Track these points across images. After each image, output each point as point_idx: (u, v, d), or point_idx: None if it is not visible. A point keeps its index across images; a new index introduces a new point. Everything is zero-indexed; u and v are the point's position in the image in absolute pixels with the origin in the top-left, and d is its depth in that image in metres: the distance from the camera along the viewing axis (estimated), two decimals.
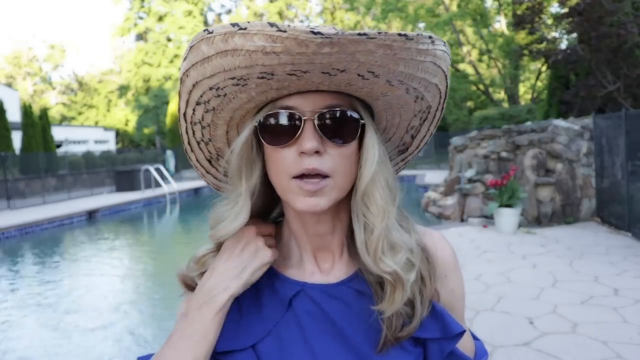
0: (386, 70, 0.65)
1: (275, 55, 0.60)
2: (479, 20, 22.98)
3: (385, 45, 0.61)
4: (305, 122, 0.69)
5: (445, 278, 0.80)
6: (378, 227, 0.71)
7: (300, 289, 0.77)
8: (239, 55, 0.61)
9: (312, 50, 0.59)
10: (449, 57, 0.71)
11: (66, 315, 6.30)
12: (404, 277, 0.71)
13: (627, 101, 12.58)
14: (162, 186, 19.80)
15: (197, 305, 0.74)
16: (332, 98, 0.70)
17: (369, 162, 0.72)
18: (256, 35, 0.59)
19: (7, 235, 12.08)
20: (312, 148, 0.68)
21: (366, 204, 0.72)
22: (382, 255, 0.71)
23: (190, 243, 12.11)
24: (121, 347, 5.21)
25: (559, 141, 8.55)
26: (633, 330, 3.90)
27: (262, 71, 0.64)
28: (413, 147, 0.85)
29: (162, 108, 37.96)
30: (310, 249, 0.80)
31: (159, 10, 41.89)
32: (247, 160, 0.75)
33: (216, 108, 0.73)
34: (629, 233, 7.32)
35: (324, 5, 45.15)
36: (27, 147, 21.56)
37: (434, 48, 0.66)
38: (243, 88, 0.68)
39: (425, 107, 0.76)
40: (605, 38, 12.03)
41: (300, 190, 0.70)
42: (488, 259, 6.25)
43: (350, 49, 0.60)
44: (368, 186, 0.72)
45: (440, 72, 0.71)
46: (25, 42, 57.55)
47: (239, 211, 0.75)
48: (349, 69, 0.64)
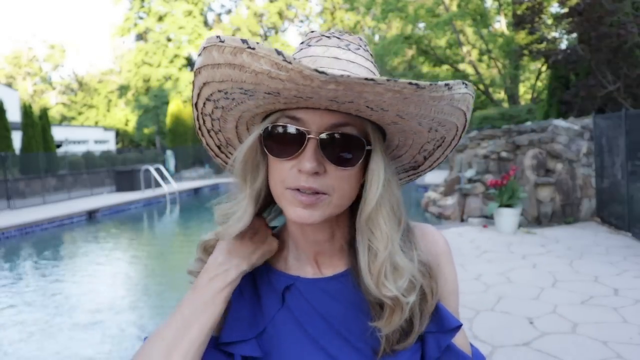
0: (396, 108, 0.65)
1: (280, 81, 0.61)
2: (479, 20, 22.97)
3: (394, 91, 0.61)
4: (308, 140, 0.69)
5: (438, 267, 0.80)
6: (382, 253, 0.71)
7: (292, 282, 0.79)
8: (246, 72, 0.62)
9: (316, 85, 0.60)
10: (472, 96, 0.71)
11: (66, 315, 6.30)
12: (404, 302, 0.71)
13: (627, 101, 12.58)
14: (162, 186, 19.79)
15: (207, 279, 0.76)
16: (341, 116, 0.69)
17: (374, 186, 0.71)
18: (263, 58, 0.59)
19: (7, 235, 12.08)
20: (312, 169, 0.68)
21: (370, 229, 0.72)
22: (384, 280, 0.71)
23: (190, 243, 12.11)
24: (121, 346, 5.21)
25: (559, 141, 8.55)
26: (633, 330, 3.90)
27: (268, 91, 0.65)
28: (425, 167, 0.85)
29: (162, 108, 37.94)
30: (310, 252, 0.81)
31: (159, 10, 41.85)
32: (251, 165, 0.76)
33: (225, 107, 0.74)
34: (629, 233, 7.32)
35: (324, 5, 45.11)
36: (27, 147, 21.56)
37: (451, 93, 0.65)
38: (251, 97, 0.69)
39: (440, 137, 0.76)
40: (605, 38, 12.02)
41: (294, 200, 0.70)
42: (488, 259, 6.25)
43: (357, 89, 0.60)
44: (373, 211, 0.72)
45: (457, 112, 0.70)
46: (25, 42, 57.55)
47: (242, 215, 0.76)
48: (357, 102, 0.64)
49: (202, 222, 15.35)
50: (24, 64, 52.65)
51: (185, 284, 0.80)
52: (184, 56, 42.18)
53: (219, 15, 48.29)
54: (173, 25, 41.29)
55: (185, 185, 23.32)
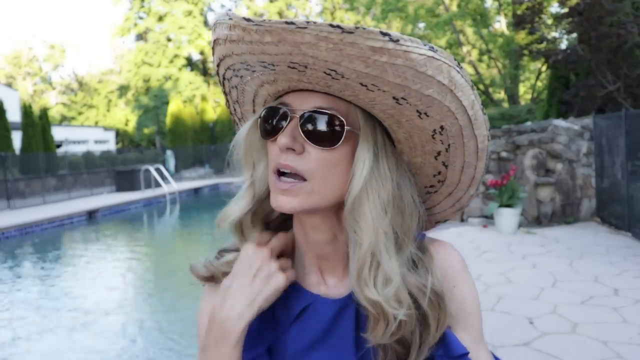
0: (345, 69, 0.61)
1: (236, 44, 0.64)
2: (479, 20, 22.96)
3: (324, 38, 0.58)
4: (291, 119, 0.69)
5: (454, 289, 0.75)
6: (365, 244, 0.68)
7: (309, 302, 0.76)
8: (220, 44, 0.67)
9: (257, 39, 0.61)
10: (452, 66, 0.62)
11: (66, 315, 6.30)
12: (389, 312, 0.66)
13: (627, 101, 12.58)
14: (162, 186, 19.80)
15: (214, 340, 0.73)
16: (326, 101, 0.69)
17: (357, 174, 0.68)
18: (222, 24, 0.64)
19: (7, 235, 12.08)
20: (285, 144, 0.67)
21: (355, 218, 0.69)
22: (369, 281, 0.67)
23: (190, 243, 12.11)
24: (121, 346, 5.21)
25: (559, 141, 8.55)
26: (633, 330, 3.90)
27: (240, 61, 0.68)
28: (454, 180, 0.77)
29: (162, 108, 37.95)
30: (313, 257, 0.78)
31: (159, 10, 41.83)
32: (252, 150, 0.77)
33: (237, 86, 0.77)
34: (629, 233, 7.32)
35: (324, 5, 45.15)
36: (27, 147, 21.56)
37: (401, 49, 0.58)
38: (242, 80, 0.73)
39: (439, 128, 0.69)
40: (605, 38, 12.02)
41: (274, 187, 0.70)
42: (488, 259, 6.25)
43: (291, 39, 0.59)
44: (356, 199, 0.68)
45: (434, 84, 0.62)
46: (25, 42, 57.57)
47: (241, 196, 0.77)
48: (310, 65, 0.62)
49: (202, 221, 15.35)
50: (24, 64, 52.66)
51: (186, 284, 0.79)
52: (184, 56, 42.17)
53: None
54: (173, 25, 41.28)
55: (185, 185, 23.33)
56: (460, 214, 0.86)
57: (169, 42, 42.33)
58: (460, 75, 0.64)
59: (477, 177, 0.76)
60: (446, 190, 0.80)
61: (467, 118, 0.68)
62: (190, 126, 33.24)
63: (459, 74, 0.63)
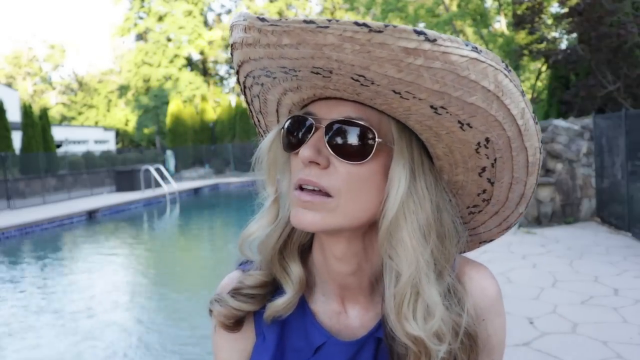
0: (375, 74, 0.54)
1: (253, 47, 0.58)
2: (479, 20, 22.96)
3: (349, 39, 0.51)
4: (316, 129, 0.63)
5: (483, 322, 0.69)
6: (405, 274, 0.61)
7: (325, 340, 0.69)
8: (237, 48, 0.61)
9: (274, 42, 0.55)
10: (499, 70, 0.55)
11: (66, 315, 6.30)
12: (432, 349, 0.60)
13: (627, 101, 12.58)
14: (162, 186, 19.80)
15: None
16: (356, 110, 0.62)
17: (392, 193, 0.61)
18: (238, 26, 0.58)
19: (7, 235, 12.08)
20: (307, 157, 0.61)
21: (393, 245, 0.62)
22: (409, 314, 0.61)
23: (190, 243, 12.11)
24: (120, 346, 5.21)
25: (559, 141, 8.55)
26: (633, 330, 3.90)
27: (260, 67, 0.62)
28: (501, 198, 0.69)
29: (162, 108, 37.95)
30: (334, 285, 0.71)
31: (159, 10, 41.82)
32: (276, 163, 0.70)
33: (260, 96, 0.71)
34: (629, 233, 7.32)
35: (324, 5, 45.17)
36: (27, 147, 21.57)
37: (440, 50, 0.51)
38: (264, 88, 0.67)
39: (485, 140, 0.61)
40: (605, 38, 12.02)
41: (296, 201, 0.62)
42: (488, 259, 6.25)
43: (312, 41, 0.52)
44: (393, 223, 0.61)
45: (478, 90, 0.54)
46: (25, 42, 57.55)
47: (263, 213, 0.70)
48: (335, 70, 0.56)
49: (202, 221, 15.35)
50: (24, 64, 52.66)
51: (186, 284, 0.78)
52: (184, 56, 42.18)
53: (219, 15, 48.31)
54: (173, 25, 41.28)
55: (185, 185, 23.32)
56: (506, 233, 0.80)
57: (169, 42, 42.33)
58: (508, 80, 0.56)
59: (527, 193, 0.69)
60: (492, 209, 0.72)
61: (516, 128, 0.60)
62: (190, 126, 33.24)
63: (507, 78, 0.56)
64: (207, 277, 8.16)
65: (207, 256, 10.29)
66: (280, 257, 0.70)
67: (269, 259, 0.70)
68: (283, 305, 0.68)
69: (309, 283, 0.72)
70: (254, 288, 0.71)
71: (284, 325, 0.71)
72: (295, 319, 0.71)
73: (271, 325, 0.71)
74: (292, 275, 0.69)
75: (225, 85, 48.82)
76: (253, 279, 0.71)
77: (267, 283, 0.71)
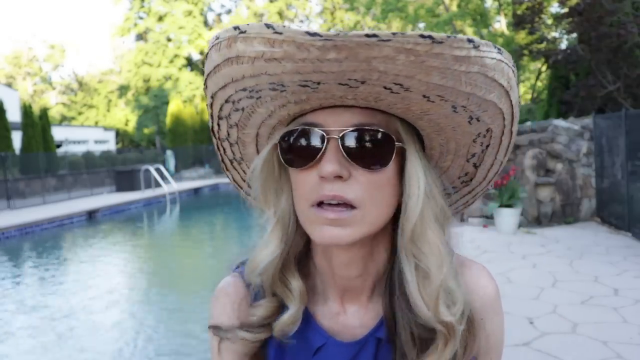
0: (417, 82, 0.54)
1: (278, 62, 0.53)
2: (479, 20, 22.97)
3: (406, 50, 0.50)
4: (328, 141, 0.60)
5: (482, 321, 0.69)
6: (436, 274, 0.61)
7: (325, 341, 0.69)
8: (242, 62, 0.55)
9: (315, 56, 0.51)
10: (511, 67, 0.58)
11: (66, 316, 6.30)
12: (457, 330, 0.62)
13: (627, 101, 12.58)
14: (162, 186, 19.80)
15: None
16: (364, 115, 0.60)
17: (414, 194, 0.61)
18: (255, 39, 0.52)
19: (7, 235, 12.08)
20: (332, 172, 0.58)
21: (419, 246, 0.62)
22: (440, 304, 0.62)
23: (190, 243, 12.11)
24: (120, 346, 5.21)
25: (559, 141, 8.55)
26: (633, 330, 3.90)
27: (271, 81, 0.56)
28: (479, 178, 0.73)
29: (162, 108, 37.95)
30: (336, 287, 0.71)
31: (159, 10, 41.82)
32: (271, 183, 0.67)
33: (238, 124, 0.67)
34: (629, 233, 7.32)
35: (324, 5, 45.13)
36: (27, 147, 21.56)
37: (480, 55, 0.53)
38: (259, 101, 0.61)
39: (485, 131, 0.64)
40: (605, 38, 12.03)
41: (318, 219, 0.60)
42: (488, 259, 6.25)
43: (363, 55, 0.50)
44: (418, 223, 0.61)
45: (496, 87, 0.57)
46: (25, 42, 57.56)
47: (268, 239, 0.68)
48: (370, 80, 0.54)
49: (201, 221, 15.35)
50: (24, 64, 52.65)
51: (186, 284, 0.78)
52: (184, 56, 42.18)
53: (219, 15, 48.30)
54: (173, 25, 41.28)
55: (185, 185, 23.33)
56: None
57: (169, 42, 42.33)
58: (514, 75, 0.59)
59: (499, 171, 0.72)
60: (467, 189, 0.75)
61: (510, 117, 0.63)
62: (190, 126, 33.24)
63: (513, 73, 0.59)
64: (207, 277, 8.17)
65: (207, 256, 10.28)
66: (281, 274, 0.69)
67: (272, 283, 0.69)
68: (289, 321, 0.67)
69: (308, 287, 0.71)
70: (266, 318, 0.70)
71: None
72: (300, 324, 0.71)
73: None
74: (294, 291, 0.68)
75: None
76: (264, 310, 0.70)
77: (277, 309, 0.70)
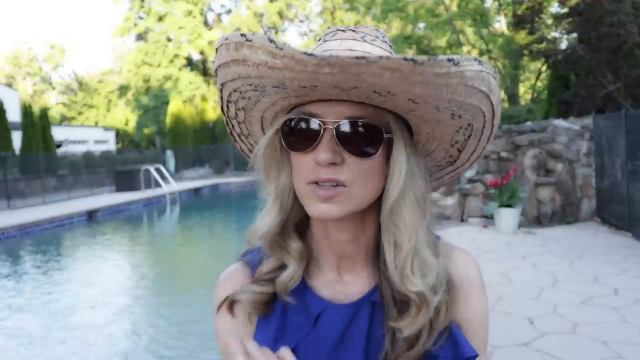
0: (403, 90, 0.62)
1: (279, 70, 0.61)
2: (479, 20, 22.94)
3: (391, 69, 0.58)
4: (324, 130, 0.68)
5: (467, 296, 0.77)
6: (406, 246, 0.70)
7: (325, 307, 0.76)
8: (248, 65, 0.63)
9: (311, 69, 0.59)
10: (491, 74, 0.65)
11: (66, 316, 6.30)
12: (430, 300, 0.70)
13: (627, 101, 12.58)
14: (162, 186, 19.80)
15: None
16: (357, 108, 0.68)
17: (396, 178, 0.70)
18: (259, 49, 0.60)
19: (7, 235, 12.08)
20: (327, 160, 0.67)
21: (394, 222, 0.71)
22: (410, 275, 0.70)
23: (190, 243, 12.11)
24: (120, 346, 5.21)
25: (559, 141, 8.55)
26: (633, 330, 3.90)
27: (273, 83, 0.65)
28: (462, 161, 0.81)
29: (162, 108, 37.87)
30: (333, 256, 0.78)
31: (159, 10, 41.74)
32: (273, 162, 0.75)
33: (245, 108, 0.75)
34: (629, 233, 7.32)
35: (324, 5, 45.09)
36: (27, 147, 21.55)
37: (460, 70, 0.61)
38: (263, 94, 0.69)
39: (467, 124, 0.72)
40: (605, 38, 12.03)
41: (314, 196, 0.69)
42: (488, 259, 6.25)
43: (353, 71, 0.58)
44: (395, 204, 0.70)
45: (477, 94, 0.65)
46: (25, 42, 57.59)
47: (268, 209, 0.76)
48: (361, 87, 0.61)
49: (202, 221, 15.35)
50: (24, 64, 52.62)
51: (186, 284, 0.78)
52: (184, 56, 42.11)
53: (219, 15, 48.26)
54: (173, 25, 41.23)
55: (185, 185, 23.32)
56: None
57: (169, 42, 42.28)
58: (494, 80, 0.66)
59: (482, 154, 0.80)
60: (451, 168, 0.83)
61: (491, 114, 0.71)
62: (190, 126, 33.22)
63: (494, 80, 0.66)
64: (207, 277, 8.17)
65: (207, 256, 10.29)
66: (280, 238, 0.76)
67: (270, 245, 0.76)
68: (289, 278, 0.75)
69: (307, 260, 0.78)
70: (271, 272, 0.77)
71: (285, 303, 0.77)
72: (295, 295, 0.76)
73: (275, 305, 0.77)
74: (292, 251, 0.76)
75: None
76: (268, 266, 0.78)
77: (281, 267, 0.77)
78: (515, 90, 24.87)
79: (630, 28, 11.38)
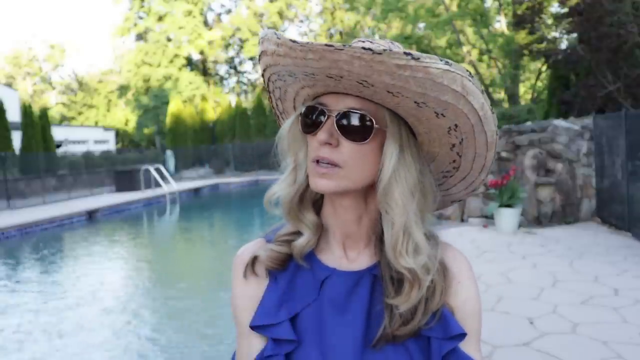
0: (376, 80, 0.72)
1: (282, 57, 0.76)
2: (479, 20, 22.94)
3: (357, 57, 0.69)
4: (328, 117, 0.81)
5: (459, 285, 0.85)
6: (397, 222, 0.79)
7: (330, 273, 0.86)
8: (267, 55, 0.79)
9: (301, 56, 0.73)
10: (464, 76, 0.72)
11: (66, 316, 6.30)
12: (422, 278, 0.79)
13: (627, 101, 12.58)
14: (162, 186, 19.80)
15: None
16: (358, 102, 0.80)
17: (386, 164, 0.80)
18: (270, 40, 0.76)
19: (7, 235, 12.08)
20: (323, 139, 0.79)
21: (387, 202, 0.81)
22: (403, 251, 0.79)
23: (190, 242, 12.11)
24: (120, 347, 5.21)
25: (559, 141, 8.55)
26: (633, 330, 3.90)
27: (285, 71, 0.80)
28: (466, 168, 0.89)
29: (162, 108, 37.86)
30: (339, 234, 0.88)
31: (159, 10, 41.72)
32: (294, 140, 0.88)
33: (280, 97, 0.92)
34: (629, 233, 7.32)
35: (324, 5, 45.09)
36: (27, 147, 21.55)
37: (422, 65, 0.69)
38: (285, 84, 0.86)
39: (454, 125, 0.80)
40: (605, 38, 12.03)
41: (315, 172, 0.81)
42: (488, 259, 6.25)
43: (330, 57, 0.70)
44: (386, 185, 0.80)
45: (449, 91, 0.73)
46: (25, 42, 57.51)
47: (284, 178, 0.88)
48: (345, 76, 0.73)
49: (202, 221, 15.35)
50: (24, 64, 52.61)
51: (185, 284, 0.79)
52: (184, 56, 42.12)
53: (219, 15, 48.25)
54: (173, 25, 41.22)
55: (185, 185, 23.32)
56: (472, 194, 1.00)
57: (169, 42, 42.27)
58: (471, 83, 0.74)
59: (487, 165, 0.88)
60: (460, 175, 0.91)
61: (477, 118, 0.78)
62: (190, 126, 33.22)
63: (470, 82, 0.74)
64: (207, 277, 8.17)
65: (207, 256, 10.29)
66: (297, 210, 0.88)
67: (288, 212, 0.88)
68: (304, 243, 0.86)
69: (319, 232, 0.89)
70: (288, 235, 0.89)
71: (294, 271, 0.87)
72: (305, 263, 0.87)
73: (282, 272, 0.87)
74: (307, 221, 0.88)
75: (225, 85, 48.71)
76: (286, 229, 0.90)
77: (297, 232, 0.89)
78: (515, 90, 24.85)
79: (630, 28, 11.38)
